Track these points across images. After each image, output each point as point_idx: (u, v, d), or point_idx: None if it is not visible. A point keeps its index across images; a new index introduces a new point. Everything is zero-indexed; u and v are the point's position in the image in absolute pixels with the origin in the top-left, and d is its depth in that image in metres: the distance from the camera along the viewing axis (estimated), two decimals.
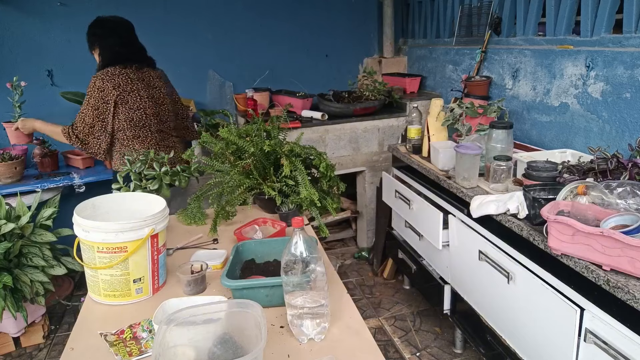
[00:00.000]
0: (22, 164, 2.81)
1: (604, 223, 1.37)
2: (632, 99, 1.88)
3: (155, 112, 2.31)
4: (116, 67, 2.23)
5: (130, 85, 2.23)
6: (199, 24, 3.39)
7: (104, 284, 1.30)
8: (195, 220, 1.84)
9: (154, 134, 2.31)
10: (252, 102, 3.26)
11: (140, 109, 2.25)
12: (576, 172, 1.74)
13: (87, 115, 2.23)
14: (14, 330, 2.47)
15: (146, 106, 2.27)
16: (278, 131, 1.92)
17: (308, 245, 1.06)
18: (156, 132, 2.32)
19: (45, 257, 2.29)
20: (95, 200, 1.43)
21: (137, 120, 2.25)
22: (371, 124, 3.21)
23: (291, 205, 1.78)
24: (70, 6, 3.08)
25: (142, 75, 2.29)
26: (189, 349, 0.98)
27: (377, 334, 2.51)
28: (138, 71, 2.28)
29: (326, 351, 1.08)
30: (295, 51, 3.66)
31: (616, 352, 1.29)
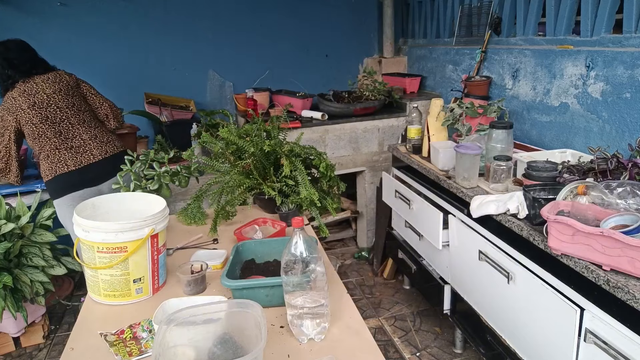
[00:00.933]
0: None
1: (604, 223, 1.37)
2: (632, 99, 1.88)
3: (43, 116, 2.23)
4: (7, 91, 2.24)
5: (16, 104, 2.21)
6: (199, 24, 3.39)
7: (104, 284, 1.30)
8: (195, 220, 1.84)
9: (54, 138, 2.24)
10: (252, 102, 3.26)
11: (28, 122, 2.21)
12: (576, 172, 1.74)
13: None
14: (14, 330, 2.47)
15: (31, 115, 2.21)
16: (278, 131, 1.92)
17: (308, 245, 1.06)
18: (55, 135, 2.24)
19: (45, 257, 2.29)
20: (95, 200, 1.43)
21: (31, 133, 2.23)
22: (371, 124, 3.21)
23: (291, 205, 1.78)
24: (70, 6, 3.08)
25: (24, 88, 2.24)
26: (189, 349, 0.98)
27: (377, 334, 2.50)
28: (24, 84, 2.24)
29: (326, 351, 1.08)
30: (295, 51, 3.66)
31: (616, 352, 1.29)
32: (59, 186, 2.25)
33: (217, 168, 1.89)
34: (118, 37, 3.22)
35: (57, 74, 2.36)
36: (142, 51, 3.30)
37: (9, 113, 2.21)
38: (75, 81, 2.44)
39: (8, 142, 2.25)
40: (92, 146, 2.30)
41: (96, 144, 2.31)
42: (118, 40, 3.23)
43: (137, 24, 3.26)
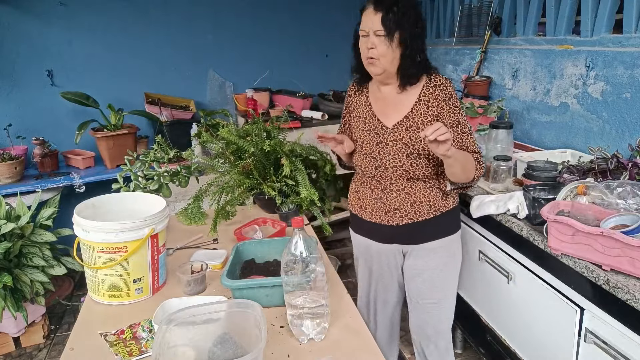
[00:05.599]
0: (22, 164, 2.81)
1: (604, 223, 1.37)
2: (632, 99, 1.88)
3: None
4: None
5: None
6: (199, 24, 3.39)
7: (104, 284, 1.30)
8: (195, 220, 1.84)
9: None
10: (252, 102, 3.26)
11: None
12: (576, 172, 1.74)
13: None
14: (14, 330, 2.47)
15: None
16: (278, 131, 1.92)
17: (308, 245, 1.06)
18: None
19: (45, 257, 2.29)
20: (95, 200, 1.43)
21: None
22: None
23: (291, 205, 1.78)
24: (70, 6, 3.08)
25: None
26: (189, 349, 0.98)
27: None
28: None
29: (326, 351, 1.08)
30: (295, 51, 3.67)
31: (616, 352, 1.29)
32: None
33: (217, 168, 1.89)
34: (118, 37, 3.22)
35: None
36: (142, 51, 3.30)
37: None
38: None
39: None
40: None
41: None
42: (118, 40, 3.23)
43: (137, 24, 3.26)
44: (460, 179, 1.54)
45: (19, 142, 2.95)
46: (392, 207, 1.61)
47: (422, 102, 1.55)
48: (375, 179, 1.62)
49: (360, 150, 1.62)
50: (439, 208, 1.61)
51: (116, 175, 1.97)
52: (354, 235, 1.80)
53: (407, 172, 1.56)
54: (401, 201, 1.60)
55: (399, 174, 1.57)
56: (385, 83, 1.59)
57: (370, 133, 1.60)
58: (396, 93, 1.58)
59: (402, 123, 1.55)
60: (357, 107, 1.69)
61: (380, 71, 1.50)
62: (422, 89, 1.55)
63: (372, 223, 1.66)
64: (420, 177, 1.57)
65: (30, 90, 3.11)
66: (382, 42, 1.45)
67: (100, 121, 3.00)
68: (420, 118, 1.53)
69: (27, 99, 3.10)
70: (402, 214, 1.60)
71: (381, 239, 1.69)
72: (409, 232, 1.62)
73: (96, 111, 2.97)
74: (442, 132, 1.28)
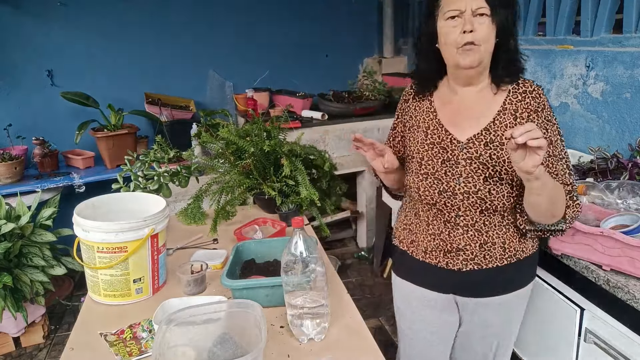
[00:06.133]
0: (22, 164, 2.81)
1: (604, 223, 1.37)
2: (632, 99, 1.88)
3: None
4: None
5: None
6: (199, 24, 3.39)
7: (104, 284, 1.30)
8: (195, 220, 1.84)
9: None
10: (252, 102, 3.26)
11: None
12: (576, 172, 1.74)
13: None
14: (14, 330, 2.47)
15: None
16: (278, 131, 1.92)
17: (308, 245, 1.06)
18: None
19: (45, 257, 2.29)
20: (95, 200, 1.43)
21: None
22: (371, 124, 3.21)
23: (291, 205, 1.78)
24: (70, 6, 3.08)
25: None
26: (189, 349, 0.98)
27: (377, 334, 2.50)
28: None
29: (326, 351, 1.08)
30: (295, 51, 3.66)
31: (616, 352, 1.29)
32: None
33: (217, 168, 1.89)
34: (118, 37, 3.22)
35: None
36: (142, 51, 3.30)
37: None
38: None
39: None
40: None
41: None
42: (118, 40, 3.23)
43: (137, 24, 3.26)
44: (544, 216, 1.18)
45: (19, 142, 2.94)
46: (456, 246, 1.26)
47: (508, 111, 1.20)
48: (437, 208, 1.27)
49: (419, 169, 1.28)
50: (515, 253, 1.27)
51: (116, 175, 1.97)
52: (398, 280, 1.46)
53: (482, 201, 1.21)
54: (468, 240, 1.25)
55: (470, 202, 1.22)
56: (468, 83, 1.25)
57: (435, 147, 1.25)
58: (476, 98, 1.25)
59: (479, 137, 1.21)
60: (415, 115, 1.34)
61: (477, 62, 1.16)
62: (509, 95, 1.22)
63: (426, 265, 1.33)
64: (498, 209, 1.22)
65: (30, 90, 3.10)
66: (485, 23, 1.13)
67: (100, 121, 3.00)
68: (505, 131, 1.19)
69: (27, 99, 3.10)
70: (467, 257, 1.26)
71: (434, 286, 1.36)
72: (473, 281, 1.29)
73: (96, 111, 2.97)
74: (536, 135, 0.96)
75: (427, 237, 1.31)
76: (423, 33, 1.27)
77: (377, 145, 1.25)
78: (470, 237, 1.25)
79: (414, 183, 1.31)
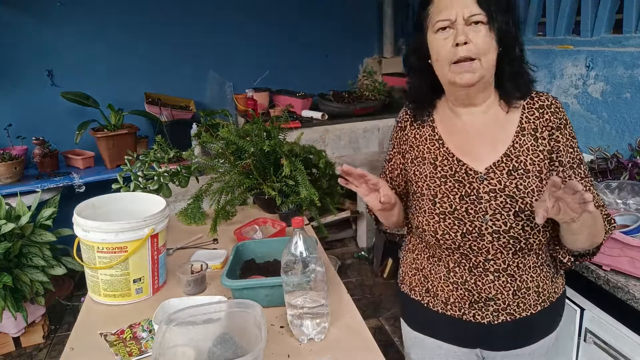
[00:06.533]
0: (22, 164, 2.81)
1: None
2: (632, 99, 1.88)
3: None
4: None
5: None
6: (199, 24, 3.39)
7: (104, 284, 1.30)
8: (195, 220, 1.84)
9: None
10: (252, 102, 3.26)
11: None
12: None
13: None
14: (14, 330, 2.47)
15: None
16: (278, 131, 1.91)
17: (308, 245, 1.06)
18: None
19: (45, 257, 2.29)
20: (95, 200, 1.43)
21: None
22: (371, 124, 3.21)
23: (291, 205, 1.78)
24: (70, 6, 3.08)
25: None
26: (189, 349, 0.98)
27: (377, 334, 2.50)
28: None
29: (326, 351, 1.08)
30: (295, 51, 3.66)
31: (616, 352, 1.29)
32: None
33: (217, 168, 1.89)
34: (118, 37, 3.22)
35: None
36: (142, 51, 3.30)
37: None
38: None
39: None
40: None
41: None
42: (118, 40, 3.23)
43: (137, 24, 3.26)
44: (583, 247, 1.04)
45: (19, 142, 2.94)
46: (485, 295, 1.07)
47: (527, 131, 1.04)
48: (460, 252, 1.07)
49: (433, 208, 1.08)
50: (549, 296, 1.11)
51: (116, 175, 1.97)
52: (408, 330, 1.27)
53: (516, 240, 1.03)
54: (500, 287, 1.06)
55: (501, 244, 1.03)
56: (469, 103, 1.08)
57: (448, 181, 1.07)
58: (485, 119, 1.07)
59: (500, 165, 1.04)
60: (417, 145, 1.15)
61: (477, 79, 0.99)
62: (524, 112, 1.06)
63: (447, 317, 1.13)
64: (534, 247, 1.05)
65: (30, 90, 3.10)
66: (482, 32, 0.96)
67: (100, 121, 3.00)
68: (528, 155, 1.03)
69: (27, 99, 3.10)
70: (497, 307, 1.07)
71: (457, 340, 1.16)
72: (504, 333, 1.10)
73: (96, 111, 2.97)
74: (586, 198, 0.80)
75: (448, 285, 1.11)
76: (412, 48, 1.10)
77: (370, 178, 1.04)
78: (503, 284, 1.06)
79: (428, 225, 1.09)
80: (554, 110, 1.05)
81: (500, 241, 1.03)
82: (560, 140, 1.04)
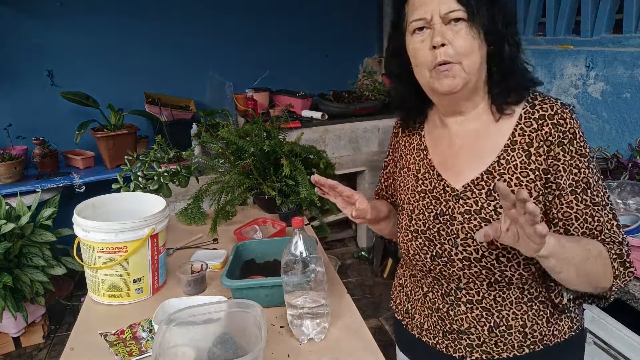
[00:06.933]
0: (22, 164, 2.81)
1: None
2: (632, 99, 1.88)
3: None
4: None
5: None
6: (199, 24, 3.39)
7: (104, 284, 1.30)
8: (195, 220, 1.84)
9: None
10: (252, 102, 3.26)
11: None
12: None
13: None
14: (14, 330, 2.47)
15: None
16: (278, 131, 1.91)
17: (308, 245, 1.06)
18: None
19: (45, 257, 2.29)
20: (95, 200, 1.43)
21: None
22: (371, 124, 3.21)
23: (291, 205, 1.78)
24: (70, 6, 3.08)
25: None
26: (189, 349, 0.98)
27: (377, 334, 2.50)
28: None
29: (326, 351, 1.08)
30: (295, 51, 3.66)
31: (616, 352, 1.29)
32: None
33: (217, 168, 1.89)
34: (118, 37, 3.22)
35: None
36: (142, 51, 3.30)
37: None
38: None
39: None
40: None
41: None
42: (118, 40, 3.23)
43: (137, 24, 3.26)
44: (580, 288, 0.88)
45: (19, 142, 2.94)
46: (457, 327, 0.97)
47: (519, 145, 0.89)
48: (432, 276, 0.99)
49: (408, 225, 1.00)
50: (542, 338, 0.94)
51: (116, 175, 1.97)
52: (399, 352, 1.20)
53: (490, 271, 0.90)
54: (473, 320, 0.95)
55: (472, 273, 0.92)
56: (455, 111, 0.96)
57: (426, 197, 0.97)
58: (473, 129, 0.95)
59: (480, 182, 0.91)
60: (405, 154, 1.06)
61: (459, 85, 0.86)
62: (520, 122, 0.90)
63: (423, 344, 1.05)
64: (513, 281, 0.91)
65: (30, 90, 3.10)
66: (462, 30, 0.84)
67: (100, 121, 3.00)
68: (515, 174, 0.88)
69: (27, 99, 3.10)
70: (472, 342, 0.96)
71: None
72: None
73: (96, 111, 2.97)
74: (533, 211, 0.66)
75: (425, 310, 1.03)
76: (390, 53, 0.98)
77: (342, 190, 0.96)
78: (477, 317, 0.94)
79: (403, 243, 1.01)
80: (557, 122, 0.86)
81: (472, 270, 0.91)
82: (560, 158, 0.86)
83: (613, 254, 0.85)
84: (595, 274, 0.84)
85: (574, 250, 0.80)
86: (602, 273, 0.84)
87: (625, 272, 0.86)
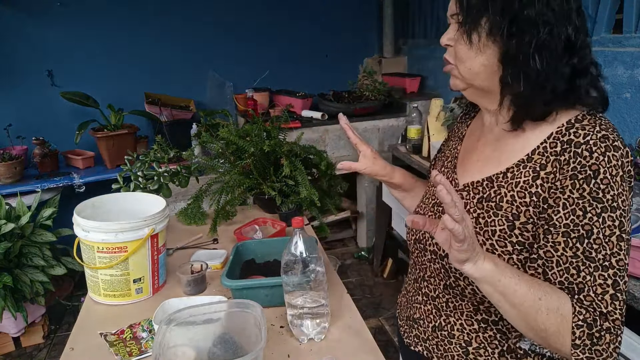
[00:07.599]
0: (22, 164, 2.81)
1: None
2: (632, 99, 1.88)
3: None
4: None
5: None
6: (199, 24, 3.39)
7: (104, 284, 1.30)
8: (195, 220, 1.84)
9: None
10: (252, 102, 3.26)
11: None
12: None
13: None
14: (14, 330, 2.47)
15: None
16: (278, 131, 1.91)
17: (308, 245, 1.06)
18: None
19: (45, 257, 2.29)
20: (95, 200, 1.43)
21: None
22: (371, 124, 3.21)
23: (291, 205, 1.78)
24: (70, 6, 3.08)
25: None
26: (189, 349, 0.98)
27: (377, 334, 2.51)
28: None
29: (326, 351, 1.08)
30: (295, 51, 3.67)
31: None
32: None
33: (217, 168, 1.89)
34: (118, 36, 3.22)
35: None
36: (142, 51, 3.30)
37: None
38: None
39: None
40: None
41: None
42: (118, 40, 3.23)
43: (137, 24, 3.26)
44: (533, 338, 0.76)
45: (19, 142, 2.95)
46: (412, 314, 1.01)
47: (533, 164, 0.79)
48: (413, 259, 1.02)
49: (419, 204, 1.04)
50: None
51: (116, 175, 1.97)
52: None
53: (447, 274, 0.88)
54: (423, 313, 0.97)
55: (435, 268, 0.92)
56: (485, 108, 0.91)
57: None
58: (499, 132, 0.88)
59: (477, 187, 0.87)
60: (450, 139, 1.08)
61: (460, 86, 0.86)
62: (546, 141, 0.79)
63: (399, 324, 1.11)
64: (466, 294, 0.86)
65: (30, 90, 3.11)
66: (459, 34, 0.81)
67: (100, 121, 3.00)
68: (512, 192, 0.81)
69: (27, 99, 3.11)
70: (419, 333, 0.99)
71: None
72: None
73: (96, 111, 2.98)
74: (453, 211, 0.65)
75: (405, 288, 1.09)
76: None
77: (350, 135, 1.08)
78: (427, 311, 0.95)
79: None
80: (581, 152, 0.73)
81: (435, 265, 0.91)
82: (566, 192, 0.74)
83: (580, 319, 0.71)
84: (543, 330, 0.72)
85: (520, 289, 0.71)
86: (553, 332, 0.72)
87: (592, 347, 0.70)
